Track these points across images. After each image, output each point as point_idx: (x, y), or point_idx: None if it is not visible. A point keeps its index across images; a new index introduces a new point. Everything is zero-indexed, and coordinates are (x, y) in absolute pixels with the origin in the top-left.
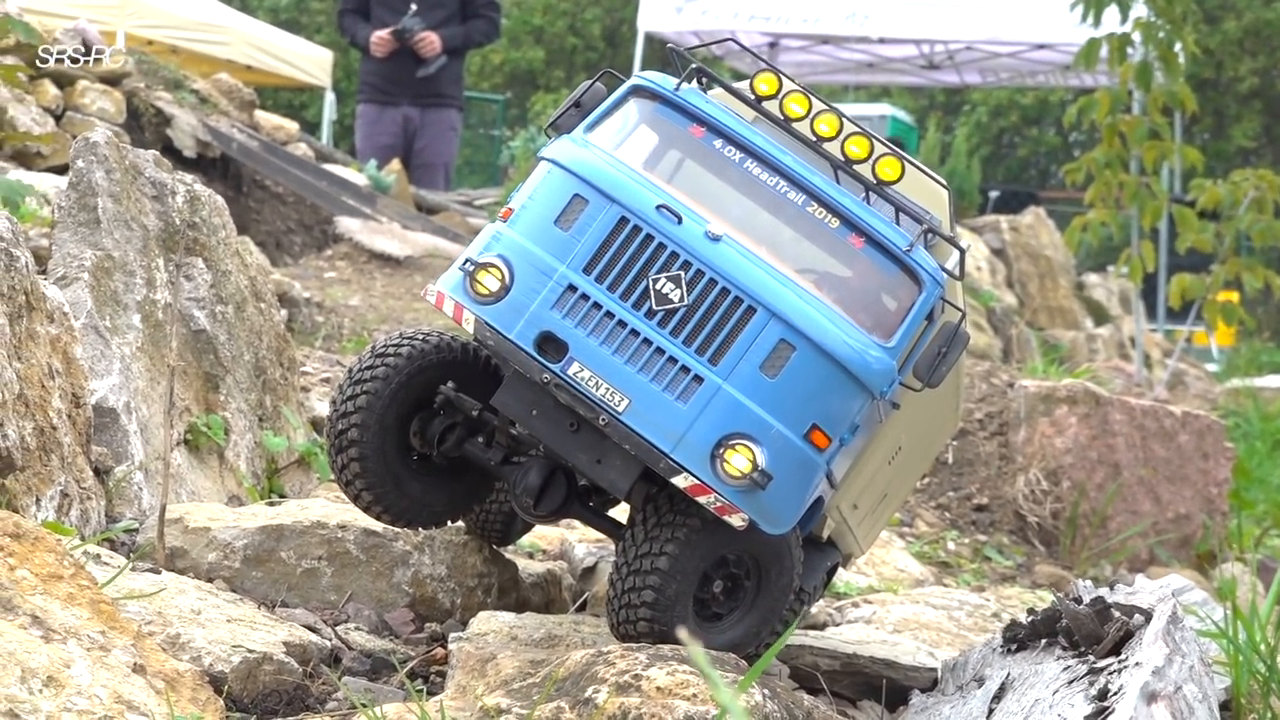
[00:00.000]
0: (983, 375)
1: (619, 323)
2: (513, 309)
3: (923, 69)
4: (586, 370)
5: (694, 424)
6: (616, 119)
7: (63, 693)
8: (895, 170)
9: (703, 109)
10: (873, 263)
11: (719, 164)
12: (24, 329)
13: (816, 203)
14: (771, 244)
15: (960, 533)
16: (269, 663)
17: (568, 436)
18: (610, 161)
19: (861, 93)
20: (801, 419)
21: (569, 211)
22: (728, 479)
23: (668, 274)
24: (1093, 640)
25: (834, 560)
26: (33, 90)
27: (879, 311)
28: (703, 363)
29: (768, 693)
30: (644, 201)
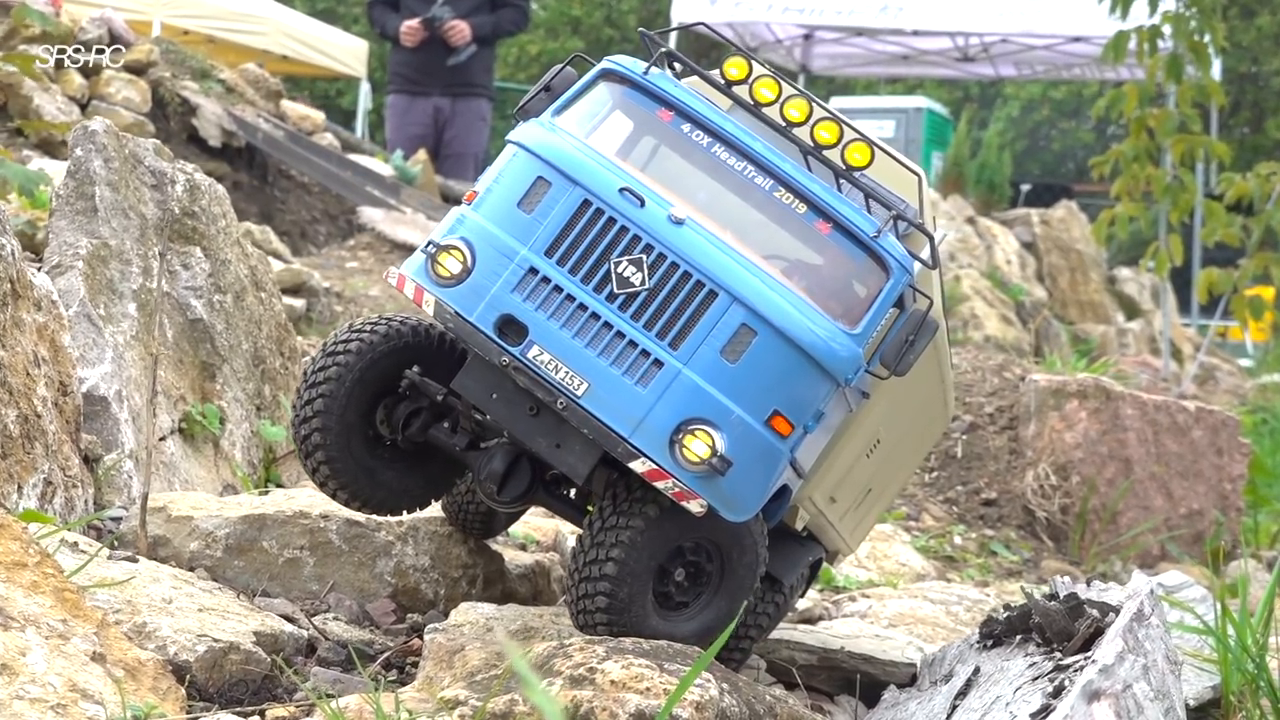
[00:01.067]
0: (994, 369)
1: (579, 306)
2: (473, 291)
3: (957, 61)
4: (546, 353)
5: (653, 408)
6: (585, 103)
7: (16, 680)
8: (865, 155)
9: (670, 93)
10: (840, 249)
11: (686, 148)
12: (9, 316)
13: (784, 188)
14: (737, 228)
15: (967, 527)
16: (236, 652)
17: (527, 420)
18: (575, 145)
19: (897, 86)
20: (763, 405)
21: (532, 194)
22: (686, 464)
23: (629, 257)
24: (1064, 637)
25: (815, 555)
26: (58, 79)
27: (845, 298)
28: (663, 347)
29: (726, 686)
30: (607, 184)
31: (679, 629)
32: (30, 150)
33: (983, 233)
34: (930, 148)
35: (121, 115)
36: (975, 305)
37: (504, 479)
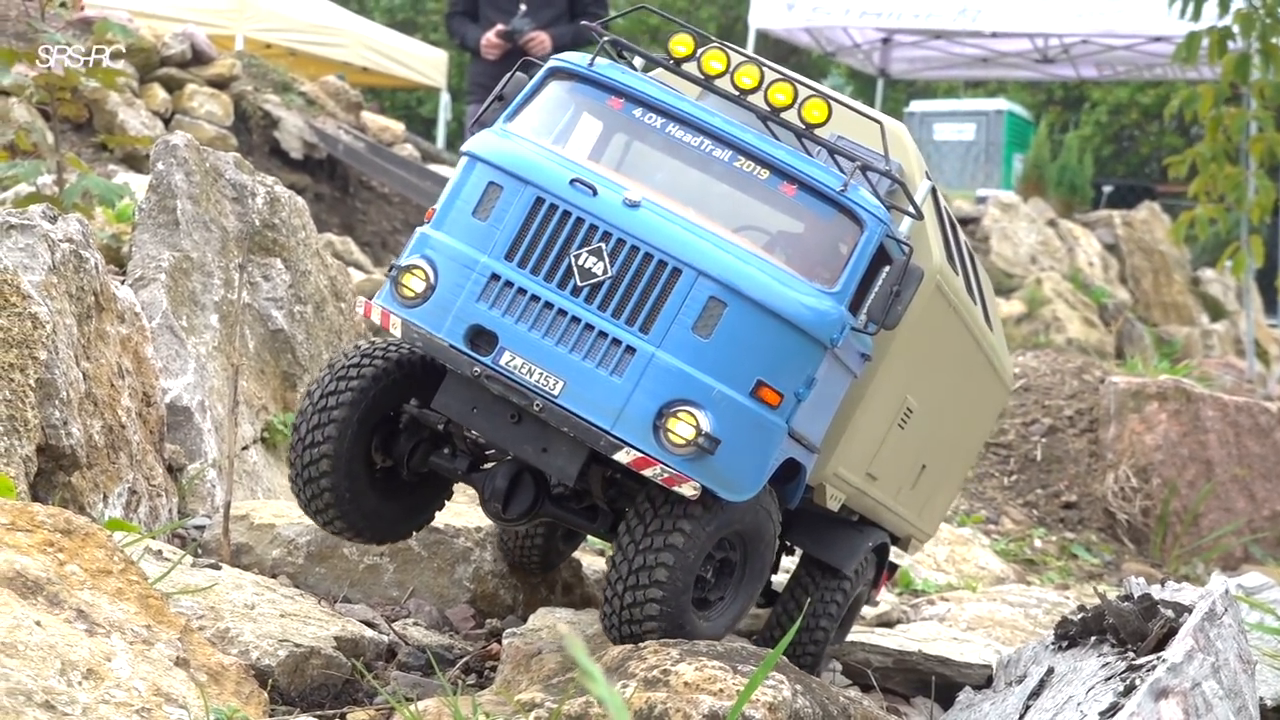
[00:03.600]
0: (1074, 372)
1: (545, 305)
2: (439, 307)
3: (1037, 63)
4: (518, 358)
5: (631, 396)
6: (537, 104)
7: (101, 685)
8: (823, 111)
9: (619, 80)
10: (808, 209)
11: (641, 132)
12: (93, 329)
13: (744, 156)
14: (699, 203)
15: (1048, 530)
16: (317, 657)
17: (510, 429)
18: (524, 146)
19: (978, 89)
20: (744, 377)
21: (486, 201)
22: (673, 448)
23: (589, 248)
24: (1138, 637)
25: (875, 540)
26: (143, 94)
27: (820, 257)
28: (633, 333)
29: (799, 687)
30: (557, 179)
31: (714, 626)
32: (115, 164)
33: (1064, 235)
34: (1011, 150)
35: (204, 129)
36: (1057, 308)
37: (508, 496)
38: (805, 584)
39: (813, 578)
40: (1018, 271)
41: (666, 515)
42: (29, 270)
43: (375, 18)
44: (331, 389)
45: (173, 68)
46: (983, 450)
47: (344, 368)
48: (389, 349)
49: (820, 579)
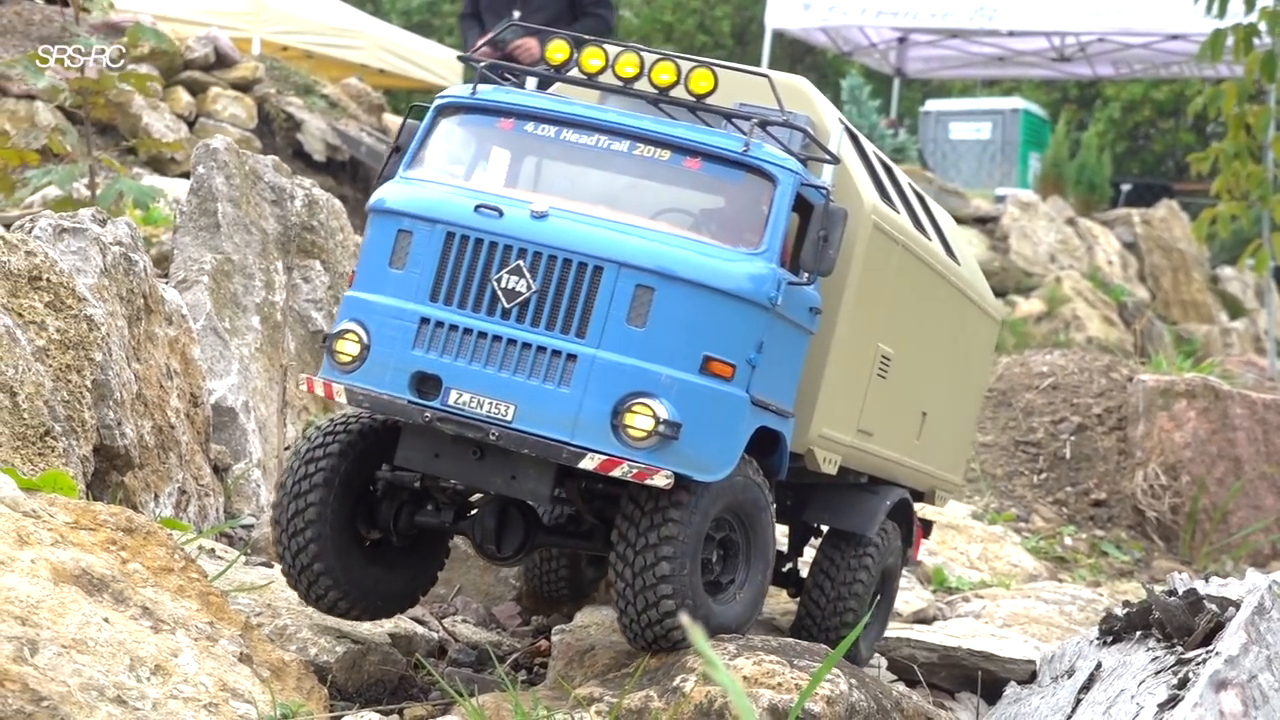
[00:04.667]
0: (1102, 370)
1: (480, 335)
2: (378, 364)
3: (1054, 61)
4: (465, 394)
5: (583, 403)
6: (432, 145)
7: (170, 680)
8: (709, 80)
9: (504, 101)
10: (716, 177)
11: (538, 145)
12: (143, 331)
13: (641, 143)
14: (610, 200)
15: (1078, 528)
16: (374, 653)
17: (475, 466)
18: (424, 187)
19: (994, 88)
20: (690, 356)
21: (399, 250)
22: (635, 443)
23: (508, 269)
24: (1184, 632)
25: (894, 498)
26: (166, 98)
27: (740, 222)
28: (570, 340)
29: (855, 682)
30: (461, 210)
31: (735, 612)
32: (140, 167)
33: (1083, 233)
34: (1027, 149)
35: (229, 131)
36: (1077, 306)
37: (499, 536)
38: (832, 558)
39: (838, 550)
40: (1037, 270)
41: (653, 510)
42: (82, 273)
43: (392, 20)
44: (302, 474)
45: (196, 71)
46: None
47: (309, 450)
48: (349, 421)
49: (845, 550)
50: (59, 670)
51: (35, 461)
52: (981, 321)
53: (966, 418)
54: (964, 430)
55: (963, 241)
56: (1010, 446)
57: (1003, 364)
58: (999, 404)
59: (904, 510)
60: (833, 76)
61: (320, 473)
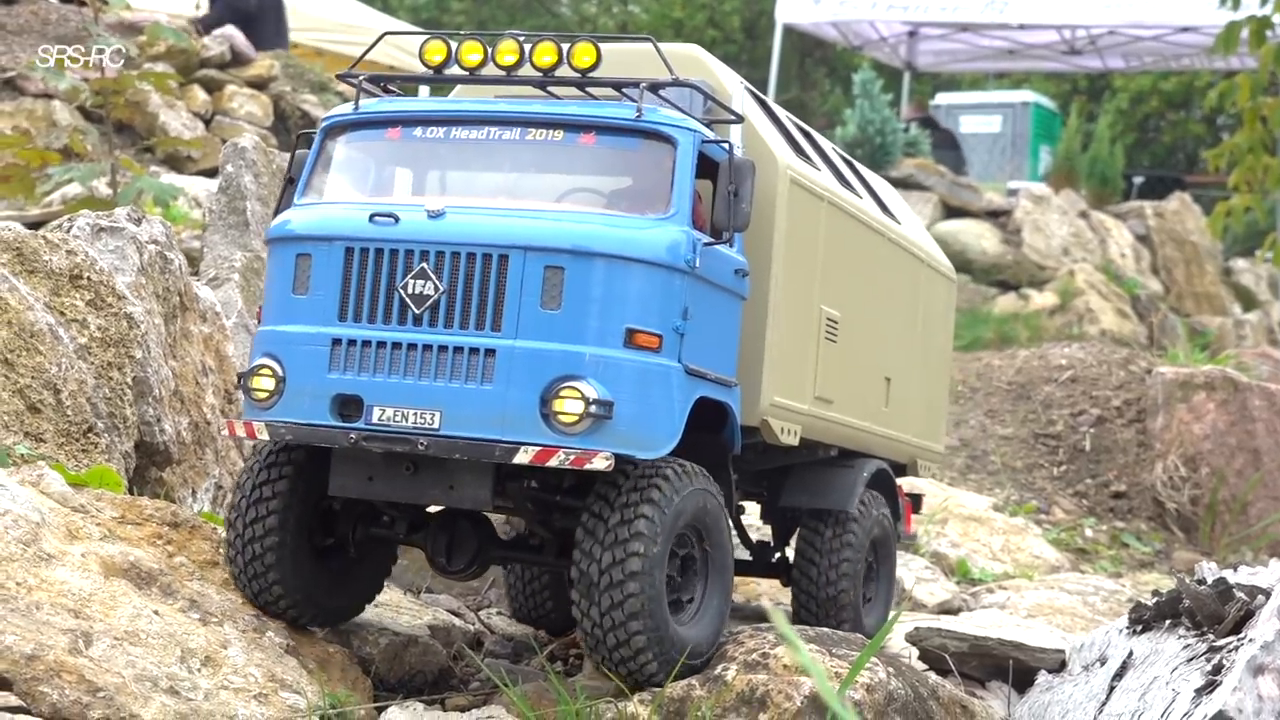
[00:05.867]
0: (1120, 363)
1: (394, 346)
2: (295, 394)
3: (1064, 54)
4: (388, 409)
5: (508, 397)
6: (323, 168)
7: (220, 671)
8: (591, 53)
9: (388, 111)
10: (614, 148)
11: (428, 148)
12: (178, 329)
13: (532, 127)
14: (507, 190)
15: (1098, 520)
16: (415, 645)
17: (410, 482)
18: (316, 209)
19: (1004, 80)
20: (612, 331)
21: (300, 276)
22: (567, 429)
23: (412, 274)
24: (1214, 620)
25: (870, 470)
26: (183, 96)
27: (646, 188)
28: (486, 335)
29: (892, 670)
30: (356, 223)
31: (698, 633)
32: (157, 166)
33: (1096, 227)
34: (1038, 142)
35: (245, 129)
36: (1090, 299)
37: (449, 550)
38: (815, 539)
39: (820, 530)
40: (1050, 264)
41: (619, 525)
42: (121, 272)
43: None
44: (264, 479)
45: (212, 69)
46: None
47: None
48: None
49: (826, 529)
50: (113, 662)
51: (79, 458)
52: (936, 281)
53: (937, 382)
54: (936, 396)
55: (905, 205)
56: (1030, 439)
57: (1021, 357)
58: (1018, 397)
59: (884, 481)
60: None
61: (283, 480)
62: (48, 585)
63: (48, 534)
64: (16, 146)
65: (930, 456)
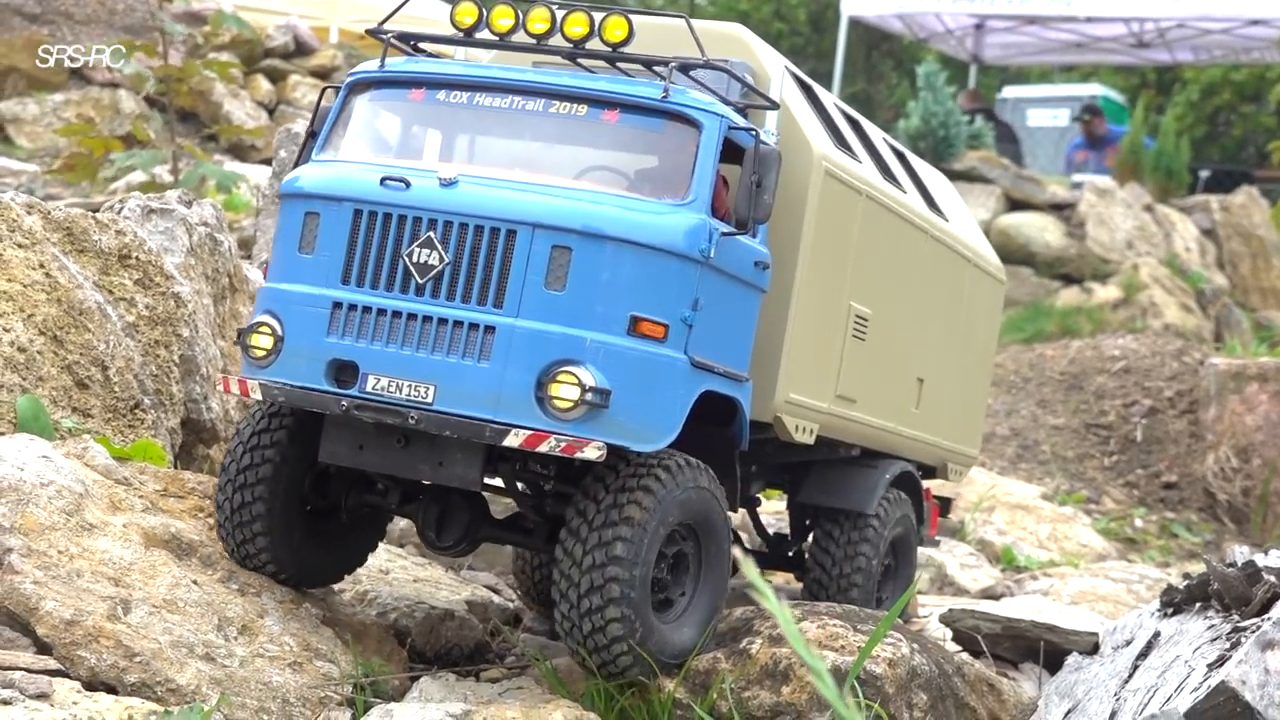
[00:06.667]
0: (1174, 354)
1: (394, 315)
2: (293, 355)
3: (1132, 47)
4: (383, 378)
5: (504, 376)
6: (345, 124)
7: (256, 640)
8: (623, 27)
9: (413, 72)
10: (638, 127)
11: (450, 113)
12: (227, 309)
13: (557, 100)
14: (527, 162)
15: (1148, 510)
16: (451, 619)
17: (401, 455)
18: (330, 167)
19: (1072, 74)
20: (616, 317)
21: (307, 234)
22: (561, 414)
23: (419, 242)
24: (1242, 602)
25: (894, 472)
26: (247, 85)
27: (666, 172)
28: (487, 311)
29: (916, 646)
30: (367, 185)
31: (683, 631)
32: (221, 154)
33: (1161, 220)
34: None
35: (308, 119)
36: (1154, 293)
37: (439, 525)
38: (831, 537)
39: (837, 528)
40: (1114, 257)
41: (610, 509)
42: (170, 252)
43: None
44: (263, 428)
45: (276, 59)
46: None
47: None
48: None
49: (843, 528)
50: (151, 628)
51: (126, 433)
52: (982, 281)
53: (976, 385)
54: (975, 399)
55: (958, 201)
56: (1081, 429)
57: (1074, 348)
58: (1070, 387)
59: (909, 483)
60: (909, 63)
61: (279, 436)
62: (89, 554)
63: (90, 505)
64: (80, 134)
65: (962, 460)
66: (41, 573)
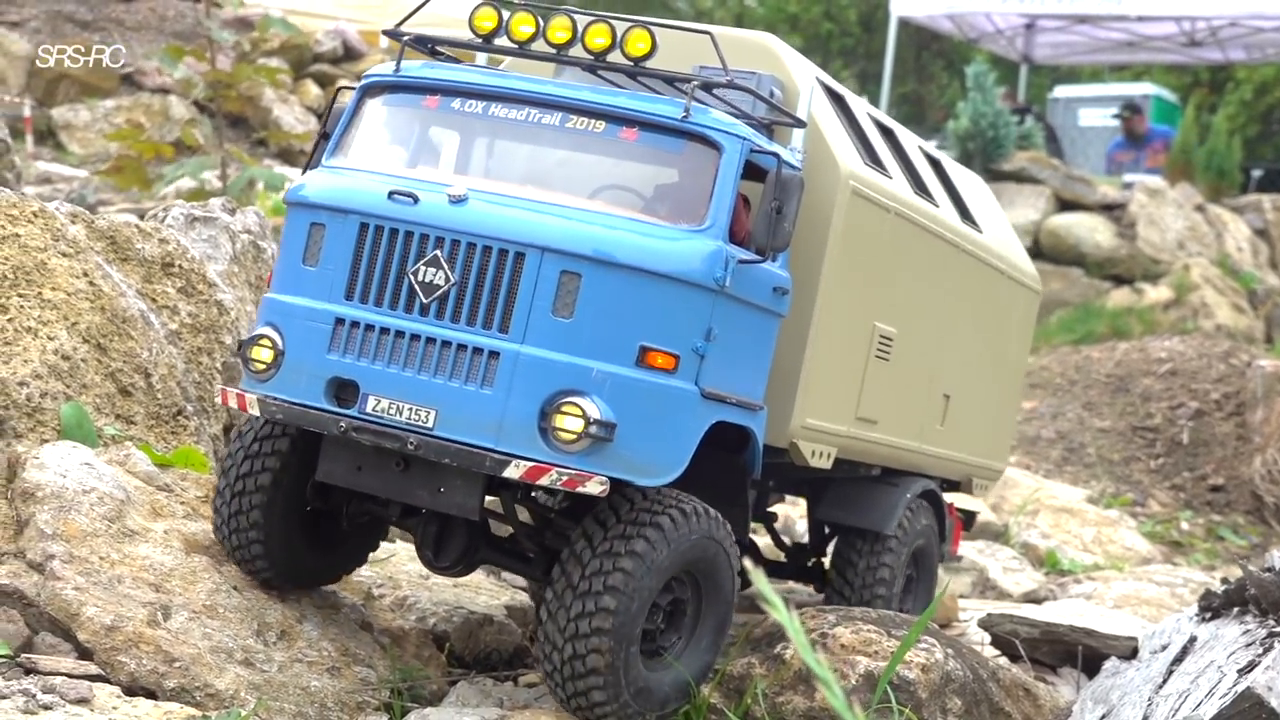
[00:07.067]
0: (1221, 355)
1: (397, 334)
2: (293, 371)
3: (1184, 46)
4: (384, 399)
5: (507, 405)
6: (357, 128)
7: (295, 645)
8: (646, 41)
9: (429, 78)
10: (657, 147)
11: (464, 122)
12: None
13: (574, 114)
14: (540, 179)
15: (1194, 513)
16: (490, 624)
17: (399, 479)
18: (339, 176)
19: (1124, 73)
20: (624, 348)
21: (311, 246)
22: (565, 446)
23: (425, 260)
24: (1278, 607)
25: (915, 490)
26: (295, 90)
27: (684, 195)
28: (492, 335)
29: (951, 651)
30: (374, 198)
31: (667, 680)
32: (271, 159)
33: (1212, 220)
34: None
35: None
36: (1206, 294)
37: (438, 544)
38: (850, 556)
39: (856, 547)
40: (1165, 257)
41: (606, 554)
42: (213, 260)
43: None
44: (267, 433)
45: (325, 64)
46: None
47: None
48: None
49: (862, 547)
50: (190, 634)
51: (168, 440)
52: (1015, 293)
53: (1006, 399)
54: (1004, 412)
55: (995, 209)
56: (1127, 432)
57: (1120, 350)
58: (1116, 390)
59: (930, 501)
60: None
61: (285, 437)
62: (130, 560)
63: (132, 511)
64: (129, 139)
65: (989, 475)
66: (83, 579)
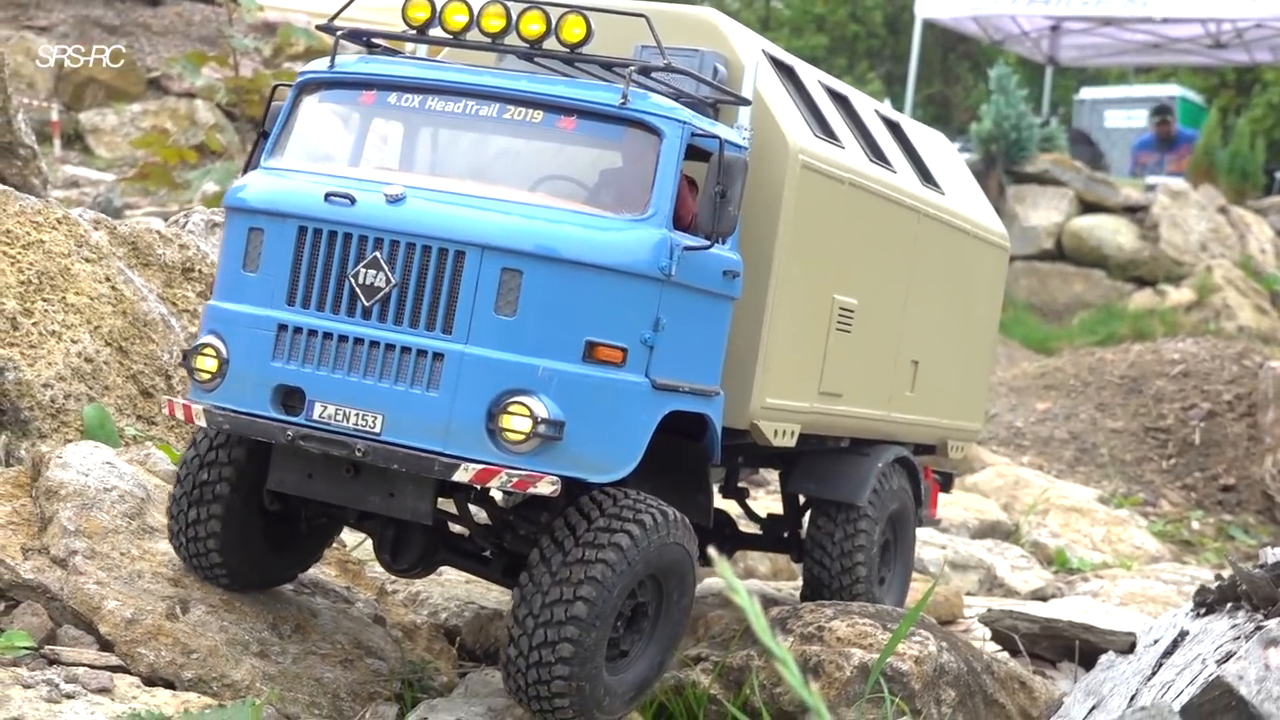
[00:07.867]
0: (1233, 357)
1: (340, 339)
2: (238, 380)
3: (1209, 48)
4: (330, 405)
5: (453, 407)
6: (294, 127)
7: (309, 638)
8: (581, 27)
9: (364, 73)
10: (595, 136)
11: (402, 117)
12: None
13: (512, 105)
14: (479, 173)
15: (1205, 512)
16: (500, 618)
17: (350, 485)
18: (276, 179)
19: (1150, 75)
20: (570, 343)
21: (251, 251)
22: (513, 447)
23: (364, 262)
24: (1268, 602)
25: (886, 459)
26: None
27: (626, 184)
28: (435, 337)
29: (945, 644)
30: (311, 201)
31: (626, 680)
32: None
33: (1235, 222)
34: None
35: None
36: (1228, 295)
37: (395, 546)
38: (825, 528)
39: (830, 519)
40: (1188, 259)
41: (576, 562)
42: None
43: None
44: (221, 441)
45: None
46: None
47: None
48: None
49: (836, 519)
50: (207, 627)
51: (188, 440)
52: (982, 253)
53: (977, 358)
54: (976, 373)
55: (959, 169)
56: (1140, 432)
57: (1134, 351)
58: (1129, 390)
59: (904, 467)
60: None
61: (241, 446)
62: (150, 556)
63: (152, 509)
64: (155, 144)
65: (964, 436)
66: (104, 574)
